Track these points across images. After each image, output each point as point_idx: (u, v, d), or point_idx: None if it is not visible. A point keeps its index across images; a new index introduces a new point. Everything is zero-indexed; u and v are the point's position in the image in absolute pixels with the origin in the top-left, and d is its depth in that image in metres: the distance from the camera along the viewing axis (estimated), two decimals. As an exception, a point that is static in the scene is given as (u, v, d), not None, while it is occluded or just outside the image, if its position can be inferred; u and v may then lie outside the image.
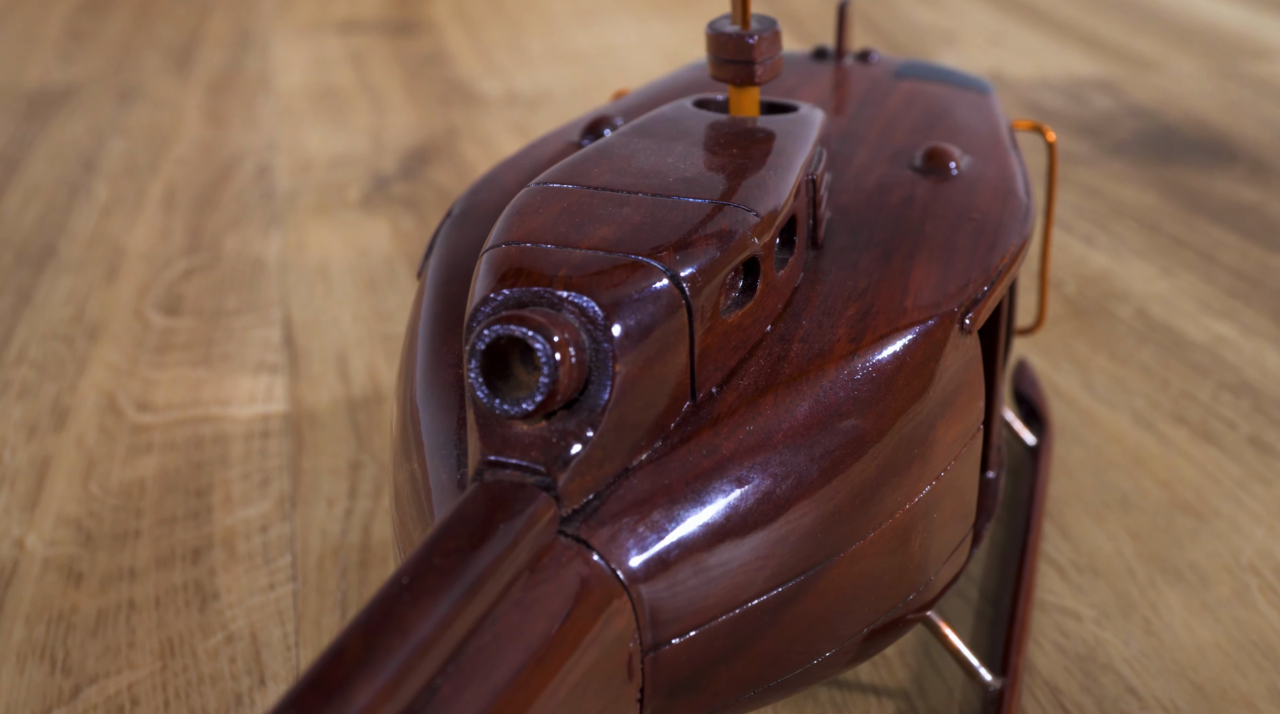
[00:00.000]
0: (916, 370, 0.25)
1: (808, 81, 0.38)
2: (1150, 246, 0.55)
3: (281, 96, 0.79)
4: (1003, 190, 0.31)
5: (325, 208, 0.61)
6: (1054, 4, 0.98)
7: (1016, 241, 0.29)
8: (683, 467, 0.22)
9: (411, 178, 0.65)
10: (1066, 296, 0.51)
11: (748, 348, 0.24)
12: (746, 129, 0.28)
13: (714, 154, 0.27)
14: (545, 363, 0.20)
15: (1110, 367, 0.45)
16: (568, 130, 0.34)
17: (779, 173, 0.26)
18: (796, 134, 0.28)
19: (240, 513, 0.37)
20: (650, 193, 0.24)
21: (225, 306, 0.51)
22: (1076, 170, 0.64)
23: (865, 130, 0.34)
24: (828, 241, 0.28)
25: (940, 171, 0.31)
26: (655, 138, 0.28)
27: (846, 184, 0.31)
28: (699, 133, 0.28)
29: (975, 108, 0.36)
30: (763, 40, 0.28)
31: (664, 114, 0.29)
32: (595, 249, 0.22)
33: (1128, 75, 0.80)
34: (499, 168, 0.32)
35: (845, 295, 0.26)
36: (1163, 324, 0.48)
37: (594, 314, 0.21)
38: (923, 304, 0.26)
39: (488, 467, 0.21)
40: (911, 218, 0.29)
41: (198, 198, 0.62)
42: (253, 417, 0.43)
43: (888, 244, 0.28)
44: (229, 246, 0.57)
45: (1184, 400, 0.43)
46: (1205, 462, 0.40)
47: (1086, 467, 0.39)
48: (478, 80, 0.82)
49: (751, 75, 0.29)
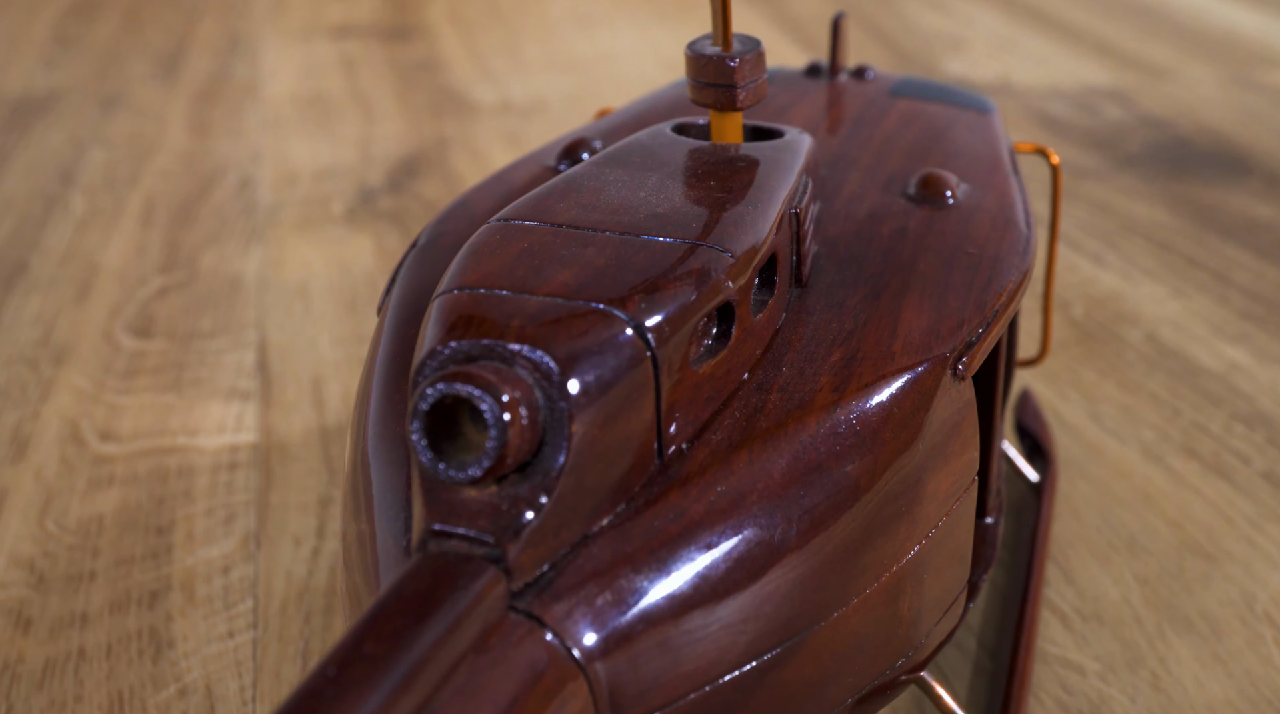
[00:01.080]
0: (905, 421, 0.23)
1: (799, 100, 0.36)
2: (1161, 266, 0.54)
3: (269, 105, 0.78)
4: (1001, 221, 0.29)
5: (308, 222, 0.60)
6: (1064, 9, 0.97)
7: (1015, 277, 0.27)
8: (647, 532, 0.20)
9: (398, 191, 0.64)
10: (1074, 320, 0.49)
11: (722, 399, 0.23)
12: (727, 158, 0.27)
13: (690, 186, 0.25)
14: (493, 425, 0.18)
15: (1118, 395, 0.44)
16: (544, 153, 0.33)
17: (759, 208, 0.24)
18: (780, 163, 0.27)
19: (202, 552, 0.36)
20: (618, 231, 0.23)
21: (199, 328, 0.49)
22: (1086, 184, 0.63)
23: (858, 154, 0.32)
24: (814, 277, 0.27)
25: (935, 200, 0.30)
26: (629, 168, 0.26)
27: (836, 213, 0.29)
28: (676, 162, 0.26)
29: (974, 129, 0.34)
30: (745, 63, 0.27)
31: (640, 141, 0.28)
32: (553, 296, 0.21)
33: (1139, 84, 0.79)
34: (469, 194, 0.31)
35: (830, 339, 0.24)
36: (1173, 349, 0.47)
37: (548, 369, 0.19)
38: (913, 348, 0.24)
39: (432, 537, 0.19)
40: (903, 252, 0.27)
41: (177, 211, 0.61)
42: (220, 447, 0.41)
43: (877, 281, 0.26)
44: (206, 263, 0.55)
45: (1195, 432, 0.42)
46: (1217, 499, 0.38)
47: (1092, 504, 0.38)
48: (471, 88, 0.80)
49: (733, 100, 0.27)
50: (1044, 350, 0.37)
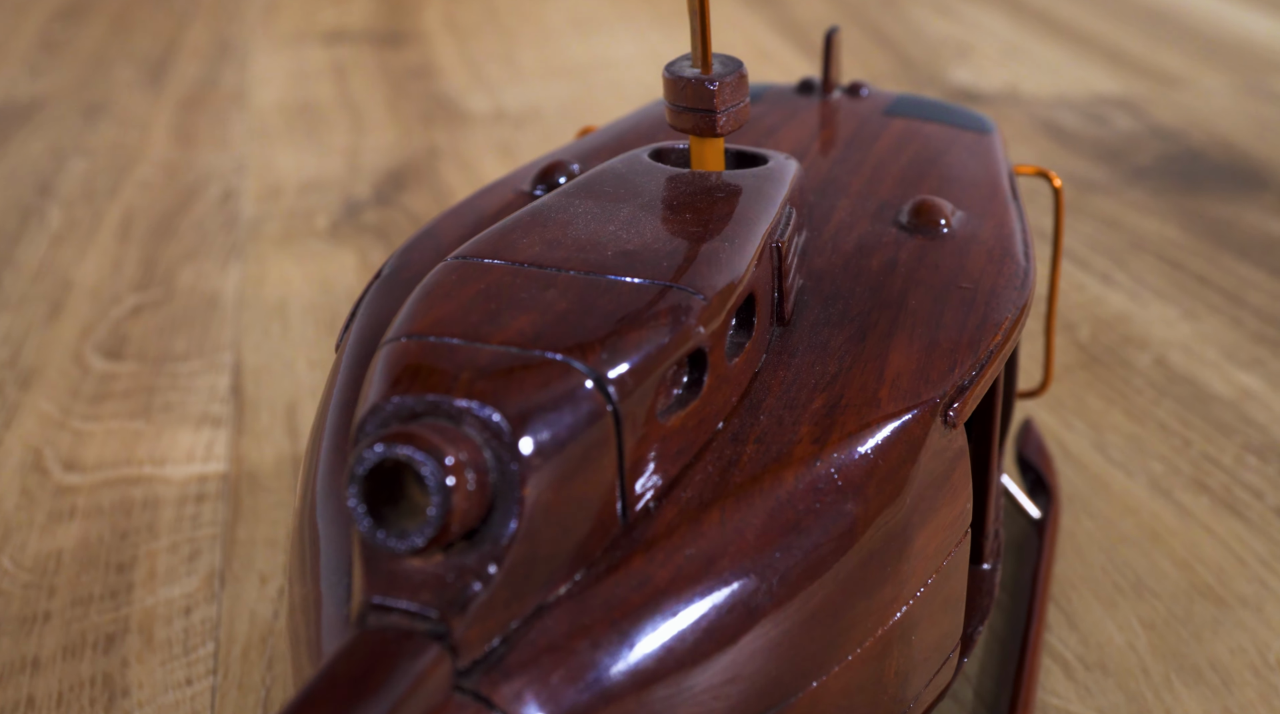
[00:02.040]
0: (890, 474, 0.22)
1: (789, 120, 0.35)
2: (1171, 286, 0.52)
3: (256, 113, 0.77)
4: (998, 252, 0.28)
5: (290, 237, 0.58)
6: (1075, 15, 0.95)
7: (1011, 315, 0.26)
8: (608, 602, 0.19)
9: (385, 204, 0.62)
10: (1080, 343, 0.48)
11: (693, 451, 0.21)
12: (705, 187, 0.25)
13: (663, 220, 0.24)
14: (435, 491, 0.17)
15: (1126, 424, 0.42)
16: (518, 177, 0.32)
17: (736, 243, 0.23)
18: (762, 193, 0.25)
19: (163, 592, 0.35)
20: (584, 270, 0.22)
21: (172, 350, 0.48)
22: (1094, 199, 0.61)
23: (849, 178, 0.31)
24: (798, 313, 0.25)
25: (928, 230, 0.28)
26: (600, 199, 0.25)
27: (823, 244, 0.28)
28: (650, 192, 0.25)
29: (973, 151, 0.33)
30: (725, 86, 0.26)
31: (614, 169, 0.26)
32: (509, 345, 0.19)
33: (1151, 93, 0.77)
34: (437, 222, 0.30)
35: (812, 383, 0.23)
36: (1184, 375, 0.45)
37: (499, 428, 0.18)
38: (900, 394, 0.23)
39: (371, 610, 0.18)
40: (893, 287, 0.26)
41: (156, 225, 0.60)
42: (188, 477, 0.40)
43: (864, 319, 0.25)
44: (183, 280, 0.54)
45: (1205, 464, 0.40)
46: (1228, 537, 0.37)
47: (1097, 543, 0.36)
48: (465, 95, 0.79)
49: (713, 125, 0.26)
50: (1046, 381, 0.36)
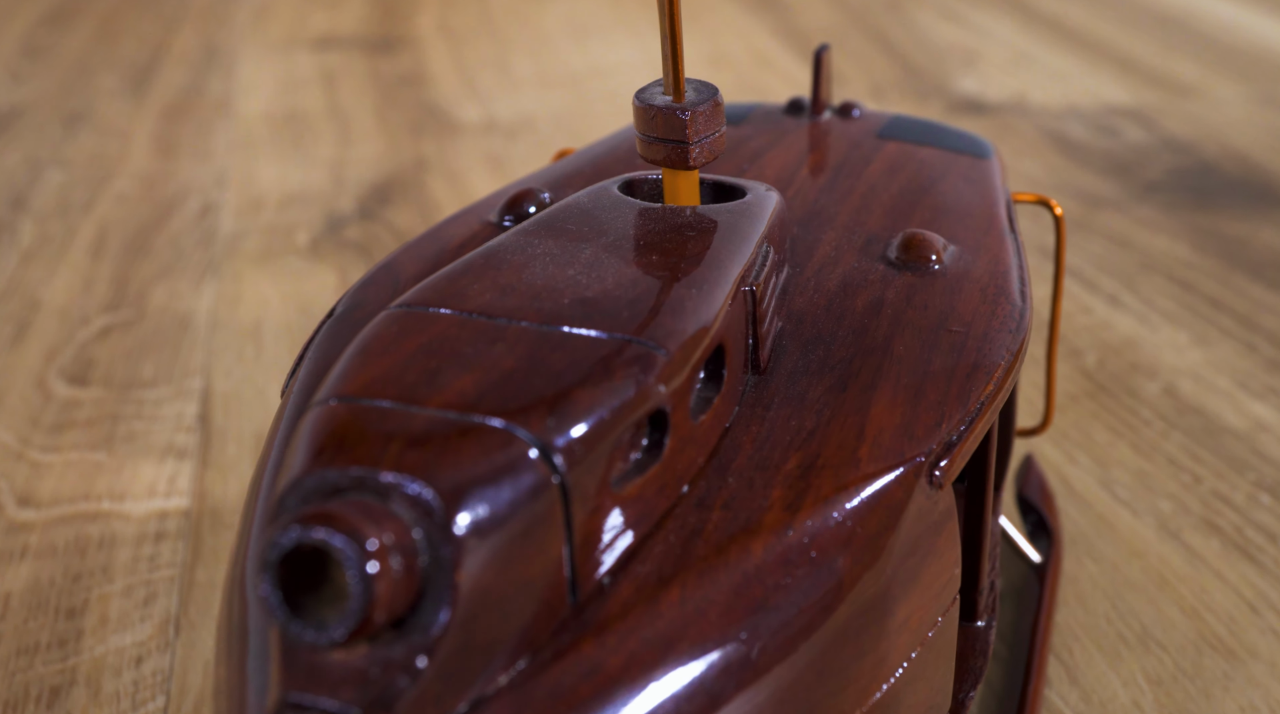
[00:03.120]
0: (869, 544, 0.20)
1: (776, 143, 0.33)
2: (1182, 308, 0.51)
3: (241, 123, 0.75)
4: (992, 291, 0.26)
5: (269, 254, 0.57)
6: (1085, 20, 0.94)
7: (1005, 361, 0.24)
8: (554, 693, 0.17)
9: (369, 218, 0.61)
10: (1086, 370, 0.46)
11: (653, 520, 0.20)
12: (675, 225, 0.24)
13: (627, 262, 0.22)
14: (355, 579, 0.15)
15: (1133, 459, 0.41)
16: (485, 206, 0.30)
17: (705, 289, 0.22)
18: (738, 231, 0.24)
19: (114, 640, 0.33)
20: (537, 321, 0.20)
21: (139, 375, 0.47)
22: (1103, 215, 0.60)
23: (836, 208, 0.30)
24: (775, 360, 0.24)
25: (918, 266, 0.27)
26: (561, 237, 0.23)
27: (805, 282, 0.26)
28: (616, 231, 0.24)
29: (969, 178, 0.32)
30: (698, 115, 0.24)
31: (579, 203, 0.25)
32: (447, 408, 0.18)
33: (1163, 103, 0.76)
34: (397, 254, 0.28)
35: (787, 441, 0.22)
36: (1194, 405, 0.44)
37: (430, 504, 0.16)
38: (882, 452, 0.21)
39: (287, 709, 0.16)
40: (878, 330, 0.25)
41: (130, 241, 0.59)
42: (148, 514, 0.38)
43: (845, 367, 0.24)
44: (155, 300, 0.53)
45: (1216, 502, 0.39)
46: (1240, 584, 0.35)
47: (1101, 589, 0.35)
48: (456, 104, 0.78)
49: (685, 158, 0.24)
50: (1047, 419, 0.34)
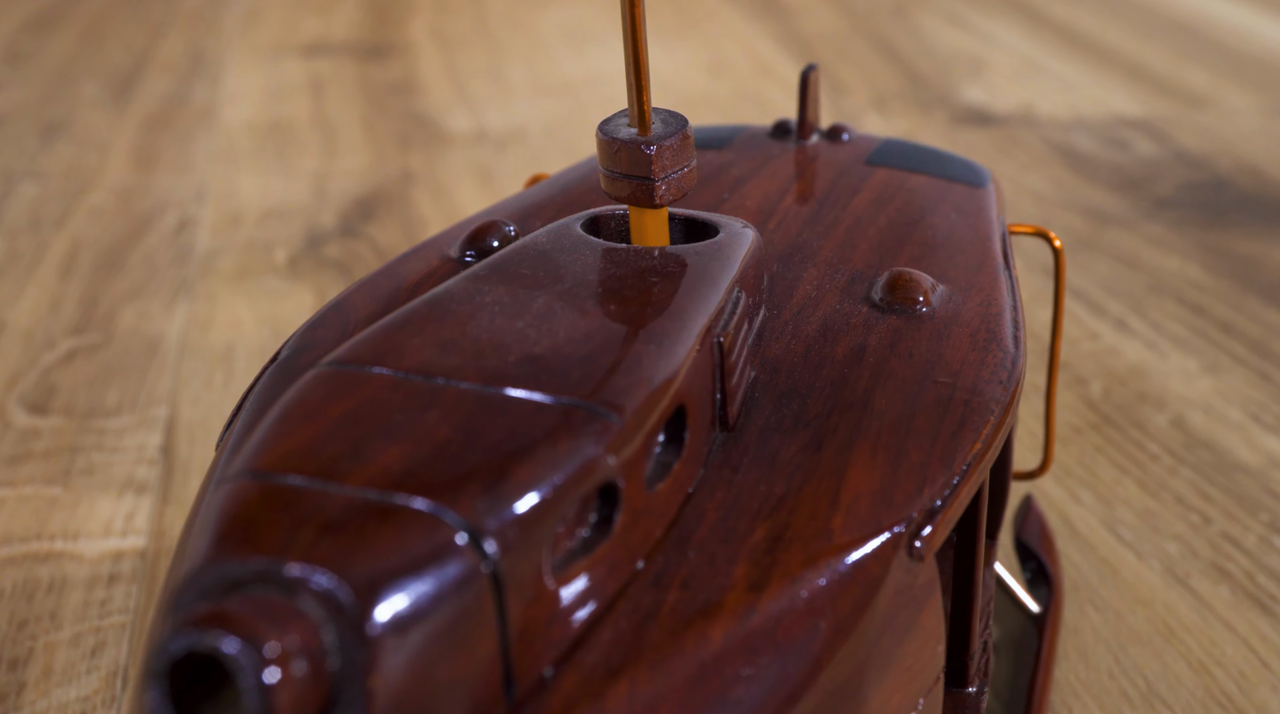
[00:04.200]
0: (840, 626, 0.19)
1: (759, 170, 0.32)
2: (1192, 334, 0.49)
3: (224, 133, 0.74)
4: (983, 337, 0.25)
5: (245, 272, 0.56)
6: (1095, 26, 0.92)
7: (995, 416, 0.23)
8: (484, 805, 0.16)
9: (351, 235, 0.59)
10: (1091, 401, 0.45)
11: (603, 604, 0.18)
12: (639, 269, 0.22)
13: (583, 313, 0.21)
14: (252, 691, 0.14)
15: (1139, 497, 0.39)
16: (446, 239, 0.29)
17: (666, 344, 0.20)
18: (707, 276, 0.22)
19: (58, 694, 0.32)
20: (479, 381, 0.19)
21: (102, 403, 0.45)
22: (1110, 232, 0.58)
23: (819, 243, 0.28)
24: (746, 414, 0.22)
25: (905, 308, 0.25)
26: (514, 283, 0.22)
27: (782, 325, 0.25)
28: (574, 276, 0.22)
29: (962, 208, 0.30)
30: (665, 149, 0.23)
31: (536, 244, 0.23)
32: (368, 486, 0.16)
33: (1174, 114, 0.74)
34: (350, 292, 0.27)
35: (754, 509, 0.20)
36: (1204, 439, 0.42)
37: (341, 601, 0.15)
38: (857, 522, 0.20)
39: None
40: (858, 382, 0.23)
41: (102, 259, 0.57)
42: (102, 554, 0.37)
43: (821, 424, 0.22)
44: (124, 322, 0.51)
45: (1227, 545, 0.37)
46: (1250, 636, 0.33)
47: (1104, 641, 0.33)
48: (446, 114, 0.76)
49: (651, 195, 0.23)
50: (1046, 461, 0.33)
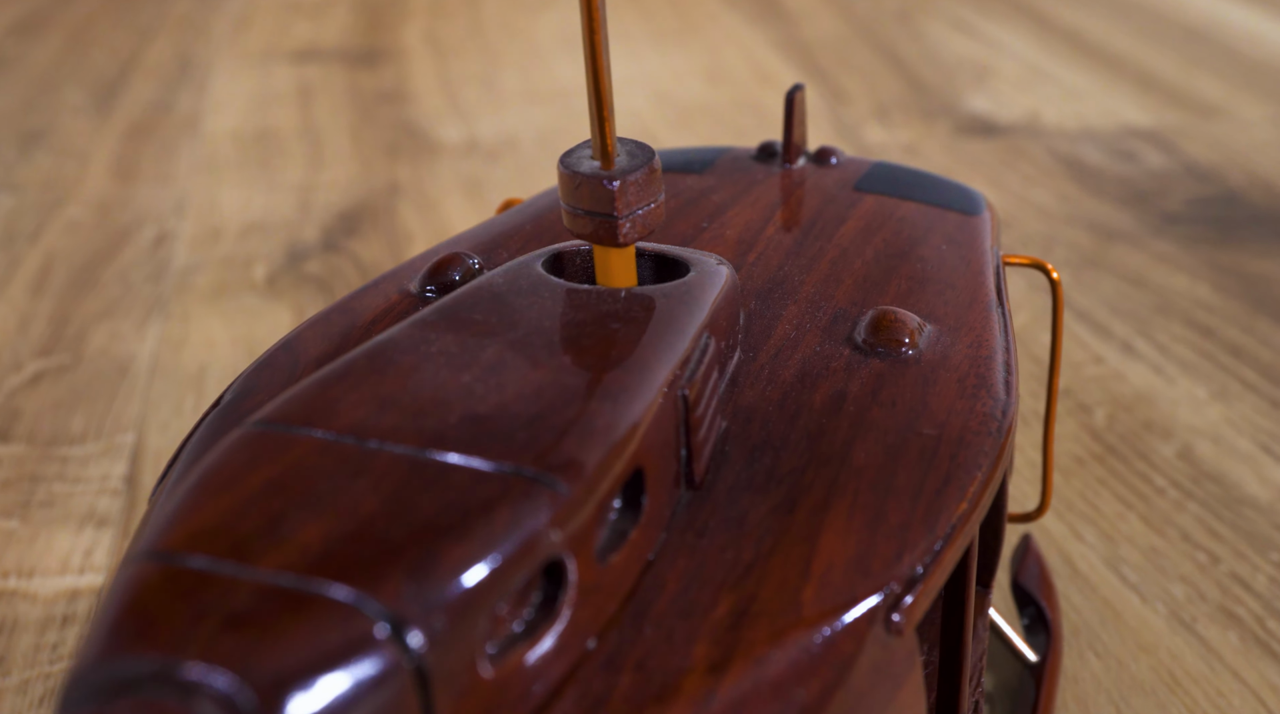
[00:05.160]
0: (809, 712, 0.17)
1: (743, 195, 0.31)
2: (1201, 357, 0.48)
3: (207, 142, 0.73)
4: (972, 382, 0.23)
5: (222, 290, 0.54)
6: (1104, 33, 0.90)
7: (982, 471, 0.21)
8: None
9: (333, 250, 0.58)
10: (1095, 429, 0.43)
11: (549, 691, 0.17)
12: (599, 314, 0.21)
13: (535, 365, 0.19)
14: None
15: (1144, 534, 0.38)
16: (406, 272, 0.27)
17: (623, 401, 0.19)
18: (672, 321, 0.21)
19: (2, 745, 0.31)
20: (416, 444, 0.17)
21: (67, 429, 0.44)
22: (1117, 249, 0.57)
23: (801, 277, 0.27)
24: (715, 469, 0.21)
25: (889, 351, 0.24)
26: (464, 330, 0.20)
27: (758, 369, 0.23)
28: (529, 322, 0.21)
29: (954, 240, 0.29)
30: (629, 185, 0.21)
31: (491, 285, 0.22)
32: (284, 569, 0.15)
33: (1184, 124, 0.73)
34: (303, 329, 0.25)
35: (719, 578, 0.19)
36: (1212, 471, 0.41)
37: (243, 705, 0.14)
38: (830, 593, 0.19)
39: None
40: (837, 434, 0.22)
41: (76, 275, 0.56)
42: (58, 593, 0.36)
43: (796, 481, 0.21)
44: (94, 342, 0.50)
45: (1235, 587, 0.36)
46: (1259, 686, 0.32)
47: (1105, 691, 0.32)
48: (437, 123, 0.75)
49: (614, 234, 0.21)
50: (1044, 503, 0.32)
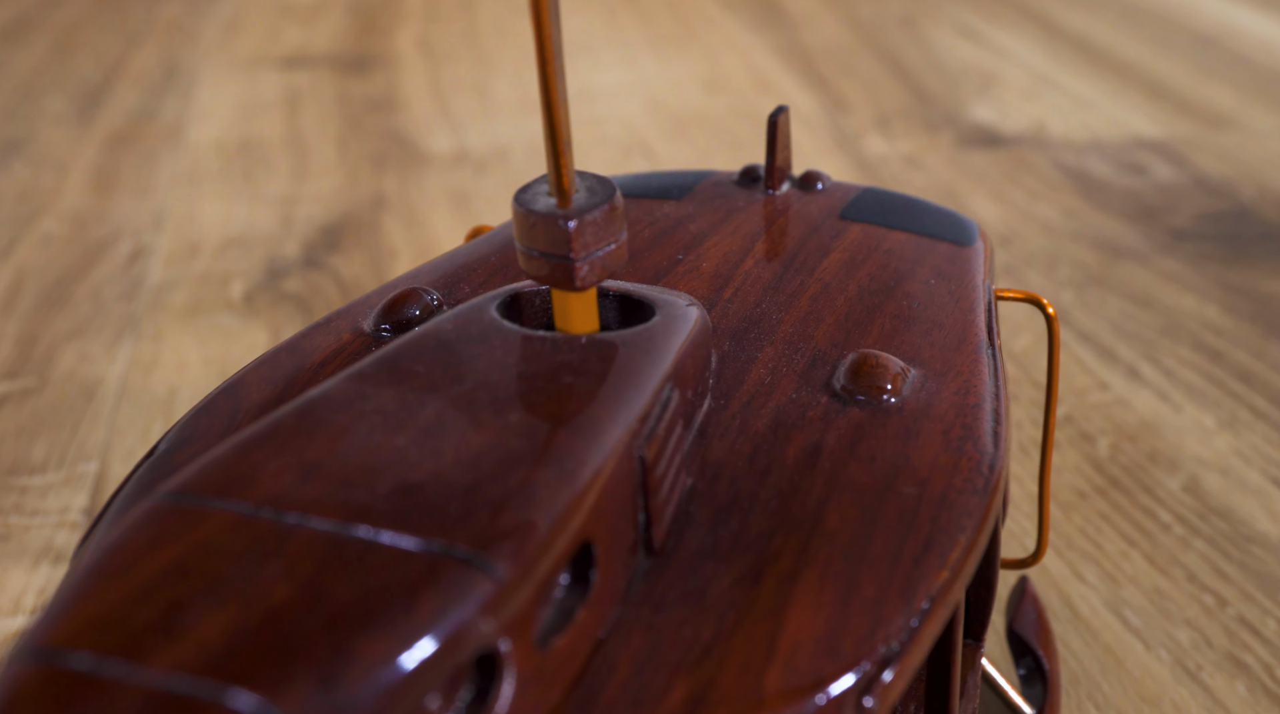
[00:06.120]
0: (769, 813, 0.16)
1: (722, 223, 0.29)
2: (1209, 383, 0.46)
3: (190, 152, 0.71)
4: (957, 435, 0.22)
5: (197, 309, 0.53)
6: (1113, 40, 0.89)
7: (966, 536, 0.20)
8: None
9: (313, 267, 0.57)
10: (1098, 460, 0.42)
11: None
12: (554, 365, 0.20)
13: (478, 425, 0.18)
14: None
15: (1148, 574, 0.36)
16: (362, 306, 0.26)
17: (570, 467, 0.17)
18: (632, 373, 0.20)
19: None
20: (339, 519, 0.16)
21: (28, 458, 0.43)
22: (1123, 267, 0.55)
23: (779, 316, 0.25)
24: (678, 532, 0.20)
25: (869, 398, 0.22)
26: (406, 383, 0.19)
27: (729, 419, 0.22)
28: (476, 374, 0.19)
29: (944, 273, 0.27)
30: (588, 225, 0.20)
31: (440, 332, 0.21)
32: (177, 671, 0.14)
33: (1195, 135, 0.71)
34: (248, 371, 0.24)
35: (675, 660, 0.17)
36: (1220, 506, 0.39)
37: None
38: (795, 674, 0.17)
39: None
40: (810, 493, 0.20)
41: (47, 293, 0.55)
42: (6, 637, 0.34)
43: (764, 547, 0.19)
44: (63, 365, 0.49)
45: (1244, 633, 0.34)
46: (1269, 742, 0.31)
47: (1104, 747, 0.31)
48: (426, 132, 0.74)
49: (570, 277, 0.20)
50: (1040, 549, 0.30)
